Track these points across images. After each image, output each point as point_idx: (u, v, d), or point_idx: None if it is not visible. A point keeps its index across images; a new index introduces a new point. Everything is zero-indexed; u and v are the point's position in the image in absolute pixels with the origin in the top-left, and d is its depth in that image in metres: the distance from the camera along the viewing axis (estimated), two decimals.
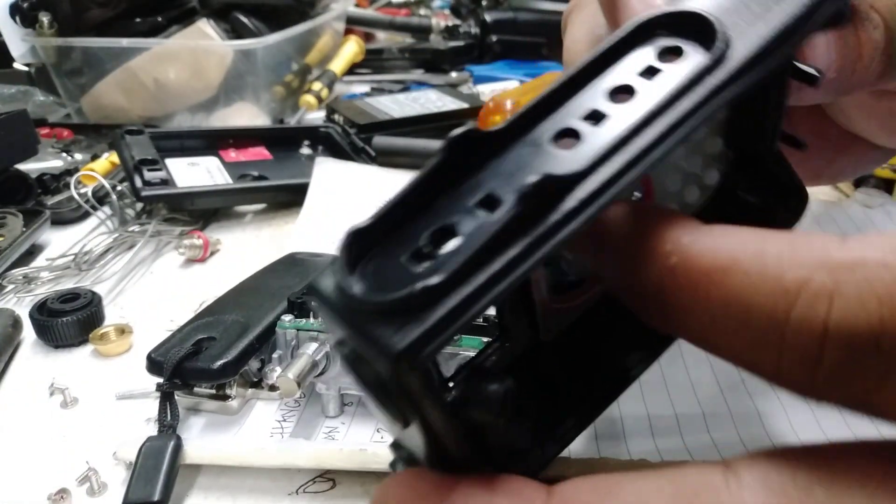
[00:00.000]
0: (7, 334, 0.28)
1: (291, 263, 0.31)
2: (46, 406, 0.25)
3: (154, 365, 0.23)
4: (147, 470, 0.20)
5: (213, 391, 0.24)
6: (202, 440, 0.22)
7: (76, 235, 0.38)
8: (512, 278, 0.10)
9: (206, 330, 0.24)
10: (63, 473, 0.22)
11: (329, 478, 0.22)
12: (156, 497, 0.20)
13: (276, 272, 0.30)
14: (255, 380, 0.25)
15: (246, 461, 0.21)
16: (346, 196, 0.40)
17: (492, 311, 0.12)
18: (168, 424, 0.22)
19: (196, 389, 0.24)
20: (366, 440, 0.22)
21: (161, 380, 0.23)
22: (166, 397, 0.22)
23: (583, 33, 0.23)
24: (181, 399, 0.24)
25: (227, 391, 0.24)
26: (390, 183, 0.40)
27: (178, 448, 0.21)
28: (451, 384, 0.12)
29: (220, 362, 0.22)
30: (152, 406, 0.24)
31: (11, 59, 0.54)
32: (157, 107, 0.53)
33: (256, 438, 0.23)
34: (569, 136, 0.12)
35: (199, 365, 0.22)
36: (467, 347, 0.21)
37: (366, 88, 0.65)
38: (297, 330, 0.23)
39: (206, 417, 0.24)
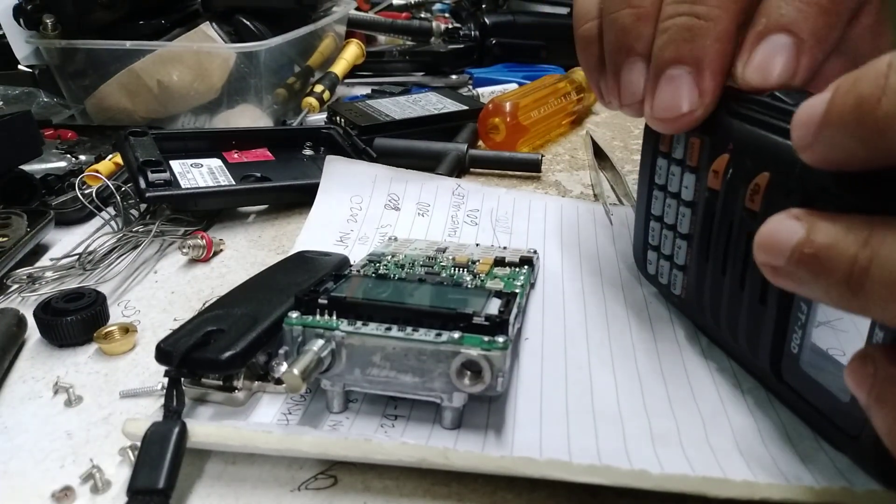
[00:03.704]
0: (11, 333, 0.28)
1: (300, 261, 0.31)
2: (50, 404, 0.26)
3: (163, 354, 0.23)
4: (151, 456, 0.20)
5: (220, 382, 0.24)
6: (208, 422, 0.22)
7: (80, 235, 0.38)
8: None
9: (215, 322, 0.24)
10: (67, 471, 0.22)
11: (331, 475, 0.22)
12: (160, 484, 0.20)
13: (284, 269, 0.30)
14: (262, 373, 0.25)
15: (251, 442, 0.21)
16: (357, 195, 0.40)
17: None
18: (174, 410, 0.22)
19: (203, 380, 0.24)
20: (370, 434, 0.23)
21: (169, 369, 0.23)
22: (173, 384, 0.22)
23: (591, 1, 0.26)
24: (188, 390, 0.24)
25: (234, 383, 0.24)
26: (399, 182, 0.41)
27: (182, 433, 0.21)
28: None
29: (227, 354, 0.23)
30: (157, 404, 0.24)
31: (15, 61, 0.55)
32: (160, 109, 0.53)
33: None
34: None
35: (208, 355, 0.23)
36: (468, 346, 0.22)
37: (367, 91, 0.65)
38: (304, 327, 0.23)
39: (213, 408, 0.24)
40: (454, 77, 0.67)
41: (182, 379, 0.23)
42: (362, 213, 0.39)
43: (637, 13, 0.24)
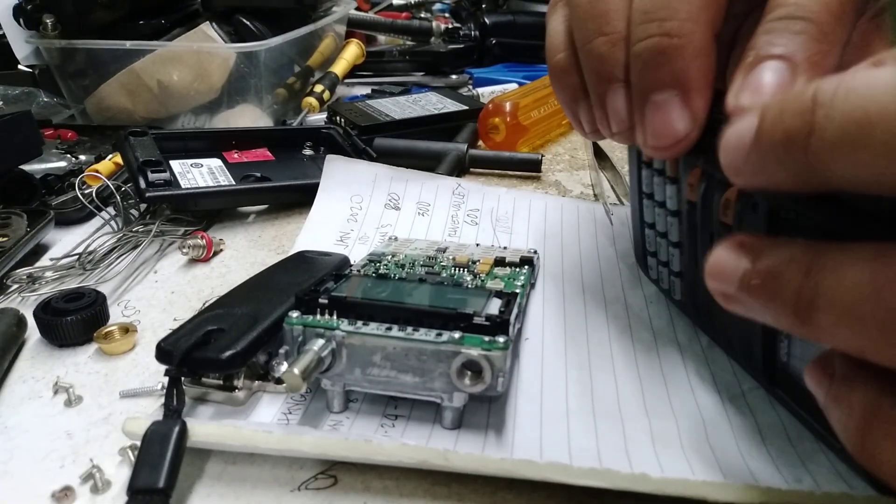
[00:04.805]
0: (11, 333, 0.28)
1: (300, 261, 0.31)
2: (50, 404, 0.26)
3: (163, 353, 0.23)
4: (152, 456, 0.20)
5: (220, 382, 0.24)
6: (208, 422, 0.23)
7: (80, 235, 0.38)
8: None
9: (216, 321, 0.24)
10: (67, 471, 0.22)
11: (331, 475, 0.22)
12: (160, 484, 0.20)
13: (285, 269, 0.30)
14: (262, 372, 0.25)
15: (251, 442, 0.21)
16: (357, 194, 0.40)
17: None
18: (174, 409, 0.22)
19: (203, 380, 0.24)
20: (370, 434, 0.23)
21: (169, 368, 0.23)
22: (173, 383, 0.22)
23: (562, 27, 0.25)
24: (188, 389, 0.24)
25: (235, 382, 0.24)
26: (399, 181, 0.41)
27: (183, 433, 0.21)
28: None
29: (228, 353, 0.23)
30: (157, 404, 0.24)
31: (15, 61, 0.55)
32: (160, 108, 0.53)
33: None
34: None
35: (208, 355, 0.23)
36: (469, 346, 0.22)
37: (367, 90, 0.65)
38: (304, 326, 0.23)
39: (213, 408, 0.24)
40: (454, 77, 0.67)
41: (182, 378, 0.23)
42: (362, 212, 0.39)
43: (611, 39, 0.23)
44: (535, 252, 0.33)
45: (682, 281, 0.27)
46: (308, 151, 0.48)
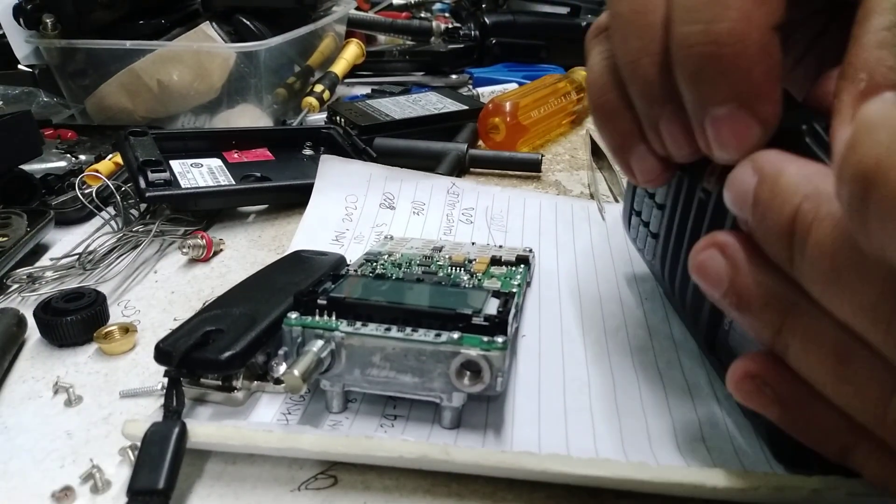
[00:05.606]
0: (11, 333, 0.28)
1: (297, 260, 0.31)
2: (50, 404, 0.26)
3: (162, 354, 0.23)
4: (152, 457, 0.20)
5: (219, 382, 0.24)
6: (208, 422, 0.23)
7: (80, 235, 0.38)
8: None
9: (214, 322, 0.24)
10: (67, 471, 0.22)
11: (331, 475, 0.22)
12: (160, 485, 0.20)
13: (282, 269, 0.30)
14: (261, 373, 0.25)
15: (251, 442, 0.21)
16: (352, 194, 0.40)
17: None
18: (174, 410, 0.22)
19: (202, 380, 0.24)
20: (370, 433, 0.23)
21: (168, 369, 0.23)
22: (173, 384, 0.22)
23: (602, 66, 0.22)
24: (187, 390, 0.24)
25: (234, 383, 0.24)
26: (394, 181, 0.41)
27: (182, 433, 0.21)
28: None
29: (227, 354, 0.23)
30: (157, 404, 0.24)
31: (15, 61, 0.55)
32: (160, 108, 0.53)
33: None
34: None
35: (207, 356, 0.23)
36: (468, 346, 0.22)
37: (367, 90, 0.65)
38: (303, 327, 0.23)
39: (212, 408, 0.24)
40: (454, 77, 0.68)
41: (181, 379, 0.23)
42: (357, 212, 0.39)
43: (659, 61, 0.19)
44: (531, 250, 0.33)
45: (657, 242, 0.28)
46: (308, 151, 0.48)
